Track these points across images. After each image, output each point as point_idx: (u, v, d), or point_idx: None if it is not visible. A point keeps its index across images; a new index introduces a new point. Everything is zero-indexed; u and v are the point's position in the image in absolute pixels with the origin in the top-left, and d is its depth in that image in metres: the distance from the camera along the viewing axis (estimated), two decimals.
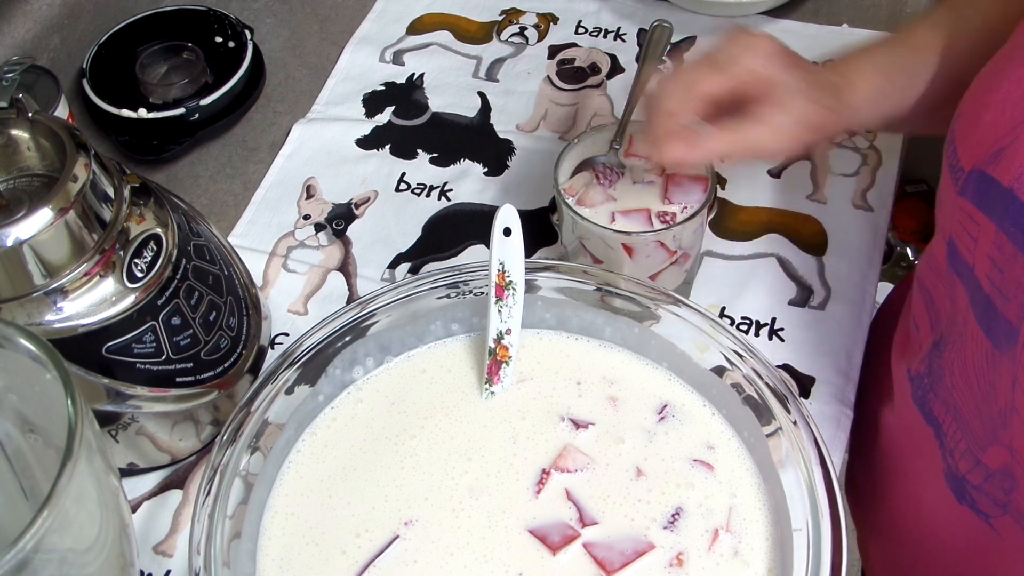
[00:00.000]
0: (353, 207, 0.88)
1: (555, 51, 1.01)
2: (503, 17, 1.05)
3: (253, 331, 0.72)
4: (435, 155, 0.92)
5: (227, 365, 0.69)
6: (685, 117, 0.63)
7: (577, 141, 0.77)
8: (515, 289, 0.63)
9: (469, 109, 0.96)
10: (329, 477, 0.62)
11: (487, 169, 0.91)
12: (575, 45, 1.01)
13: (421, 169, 0.91)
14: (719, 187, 0.87)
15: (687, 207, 0.72)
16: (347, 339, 0.65)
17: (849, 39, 0.98)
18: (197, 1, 1.01)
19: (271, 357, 0.76)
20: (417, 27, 1.04)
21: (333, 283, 0.84)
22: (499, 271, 0.63)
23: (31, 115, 0.62)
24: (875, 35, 0.98)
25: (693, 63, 0.64)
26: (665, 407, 0.64)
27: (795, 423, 0.59)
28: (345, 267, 0.84)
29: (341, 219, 0.87)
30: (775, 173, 0.89)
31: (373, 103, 0.97)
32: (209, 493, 0.57)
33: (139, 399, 0.65)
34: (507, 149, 0.92)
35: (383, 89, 0.98)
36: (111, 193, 0.62)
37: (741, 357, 0.62)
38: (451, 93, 0.98)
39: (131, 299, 0.62)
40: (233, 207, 0.90)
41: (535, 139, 0.93)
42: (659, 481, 0.60)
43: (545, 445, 0.62)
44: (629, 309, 0.66)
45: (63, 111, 0.87)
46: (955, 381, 0.57)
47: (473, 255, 0.84)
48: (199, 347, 0.67)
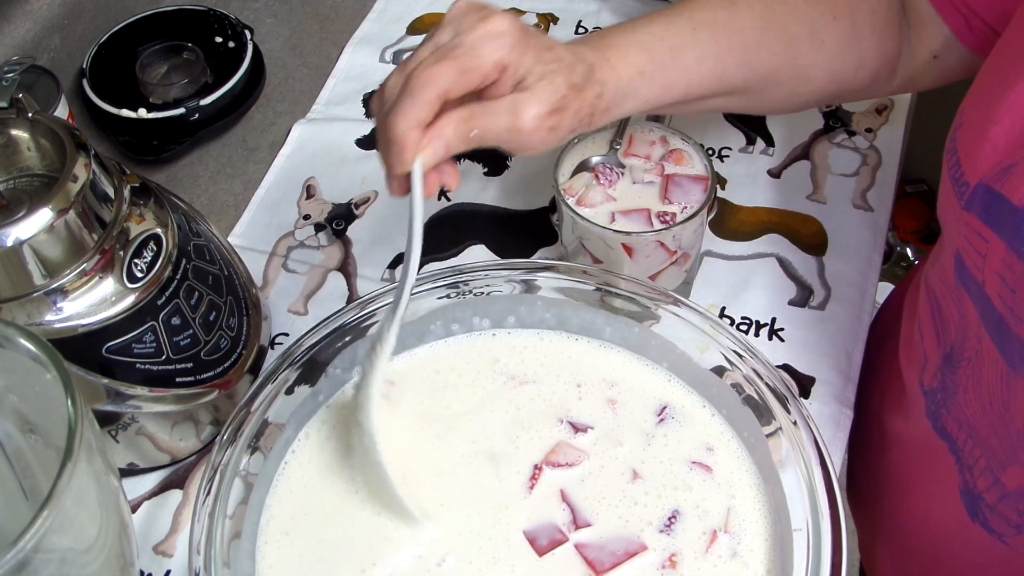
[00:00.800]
0: (353, 207, 0.88)
1: None
2: None
3: (253, 331, 0.72)
4: None
5: (227, 365, 0.69)
6: (428, 116, 0.53)
7: (577, 141, 0.77)
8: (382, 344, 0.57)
9: None
10: (329, 477, 0.62)
11: (487, 169, 0.91)
12: None
13: None
14: (719, 187, 0.87)
15: (687, 207, 0.72)
16: (347, 339, 0.65)
17: None
18: (197, 1, 1.01)
19: (271, 357, 0.76)
20: (417, 27, 1.04)
21: (333, 283, 0.84)
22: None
23: (31, 115, 0.62)
24: None
25: (425, 56, 0.54)
26: (664, 409, 0.64)
27: (795, 423, 0.59)
28: (345, 267, 0.84)
29: (341, 219, 0.87)
30: (775, 173, 0.89)
31: None
32: (209, 493, 0.57)
33: (139, 399, 0.65)
34: None
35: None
36: (111, 193, 0.62)
37: (741, 357, 0.62)
38: None
39: (131, 299, 0.62)
40: (233, 207, 0.90)
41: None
42: (656, 484, 0.60)
43: (540, 444, 0.62)
44: (629, 309, 0.66)
45: (63, 111, 0.87)
46: (968, 399, 0.57)
47: (473, 255, 0.84)
48: (199, 347, 0.67)
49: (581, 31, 1.02)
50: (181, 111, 0.92)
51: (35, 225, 0.57)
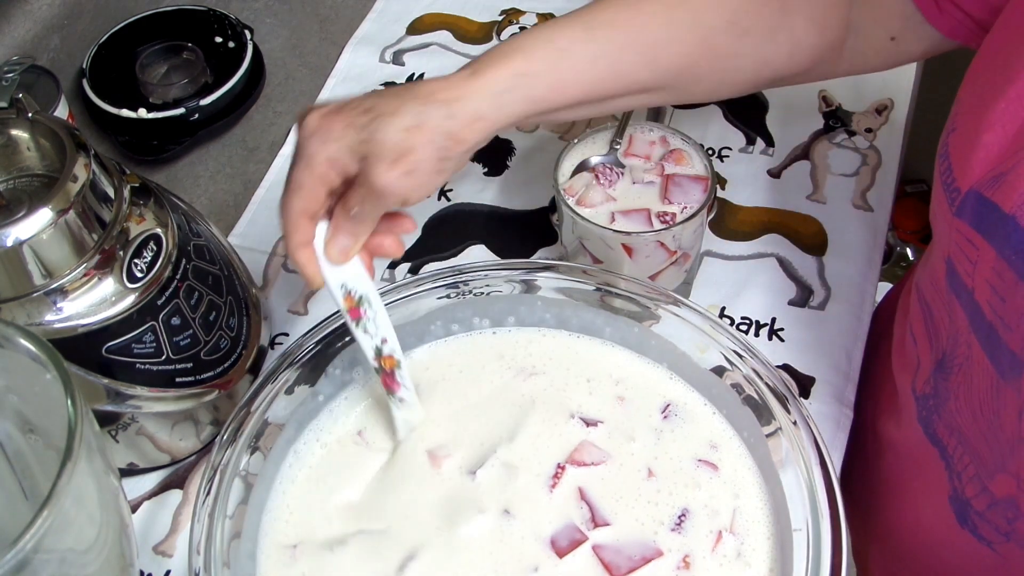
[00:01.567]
0: None
1: None
2: (503, 17, 1.05)
3: (253, 331, 0.72)
4: None
5: (227, 365, 0.69)
6: (310, 234, 0.58)
7: (577, 141, 0.77)
8: (369, 302, 0.60)
9: None
10: (331, 476, 0.62)
11: (487, 169, 0.91)
12: None
13: None
14: (719, 187, 0.87)
15: (687, 207, 0.72)
16: (347, 339, 0.65)
17: None
18: (197, 1, 1.01)
19: (271, 357, 0.76)
20: (417, 27, 1.04)
21: None
22: (344, 294, 0.59)
23: (31, 115, 0.62)
24: None
25: (289, 178, 0.58)
26: (668, 406, 0.64)
27: (795, 423, 0.58)
28: None
29: None
30: (775, 173, 0.89)
31: None
32: (209, 493, 0.57)
33: (139, 399, 0.65)
34: (507, 149, 0.92)
35: (383, 89, 0.98)
36: (111, 193, 0.62)
37: (741, 357, 0.62)
38: None
39: (131, 299, 0.62)
40: (233, 207, 0.90)
41: (535, 139, 0.93)
42: (668, 481, 0.60)
43: (559, 440, 0.62)
44: (629, 309, 0.66)
45: (63, 111, 0.87)
46: (959, 406, 0.57)
47: (473, 255, 0.84)
48: (199, 347, 0.67)
49: None
50: (181, 111, 0.91)
51: (35, 225, 0.57)
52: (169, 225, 0.65)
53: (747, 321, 0.79)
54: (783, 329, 0.78)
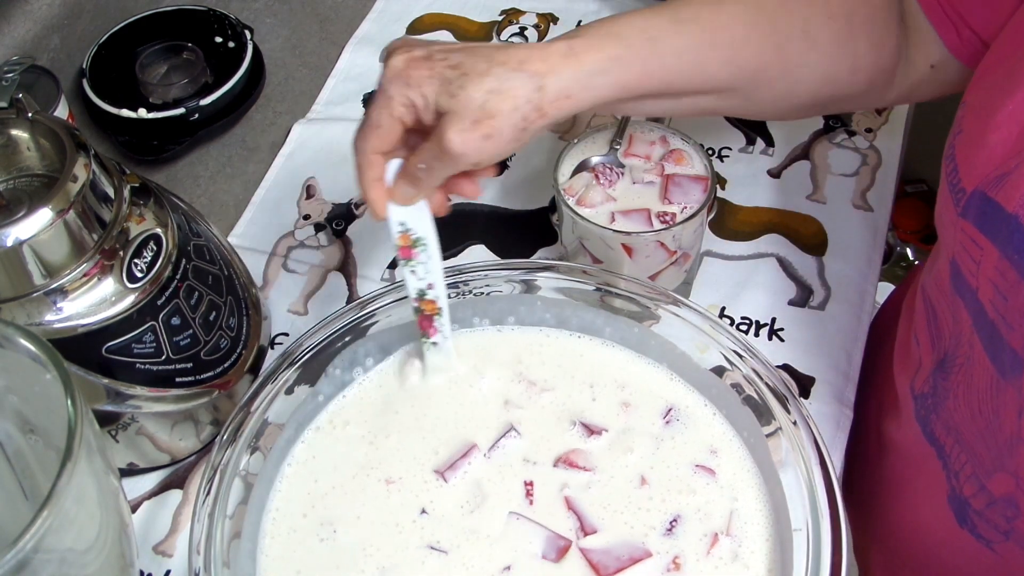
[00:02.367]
0: (353, 207, 0.88)
1: None
2: (503, 17, 1.05)
3: (253, 331, 0.72)
4: None
5: (227, 365, 0.69)
6: (382, 170, 0.60)
7: (577, 141, 0.77)
8: (425, 245, 0.61)
9: None
10: (331, 476, 0.62)
11: None
12: None
13: None
14: (719, 187, 0.87)
15: (687, 207, 0.72)
16: (347, 339, 0.65)
17: None
18: (197, 1, 1.01)
19: (271, 357, 0.76)
20: (417, 27, 1.04)
21: (333, 283, 0.83)
22: (401, 232, 0.61)
23: (31, 115, 0.62)
24: None
25: (367, 116, 0.60)
26: (670, 411, 0.64)
27: (795, 423, 0.58)
28: (345, 267, 0.84)
29: (341, 219, 0.87)
30: (775, 173, 0.89)
31: None
32: (209, 493, 0.57)
33: (139, 399, 0.65)
34: None
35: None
36: (111, 193, 0.62)
37: (741, 357, 0.62)
38: None
39: (131, 299, 0.62)
40: (233, 207, 0.90)
41: (535, 139, 0.93)
42: (661, 489, 0.60)
43: (557, 450, 0.62)
44: (629, 309, 0.66)
45: (63, 111, 0.87)
46: (958, 405, 0.57)
47: (473, 255, 0.84)
48: (199, 347, 0.67)
49: None
50: (181, 111, 0.91)
51: (35, 225, 0.57)
52: (169, 225, 0.65)
53: (747, 321, 0.79)
54: (783, 329, 0.78)
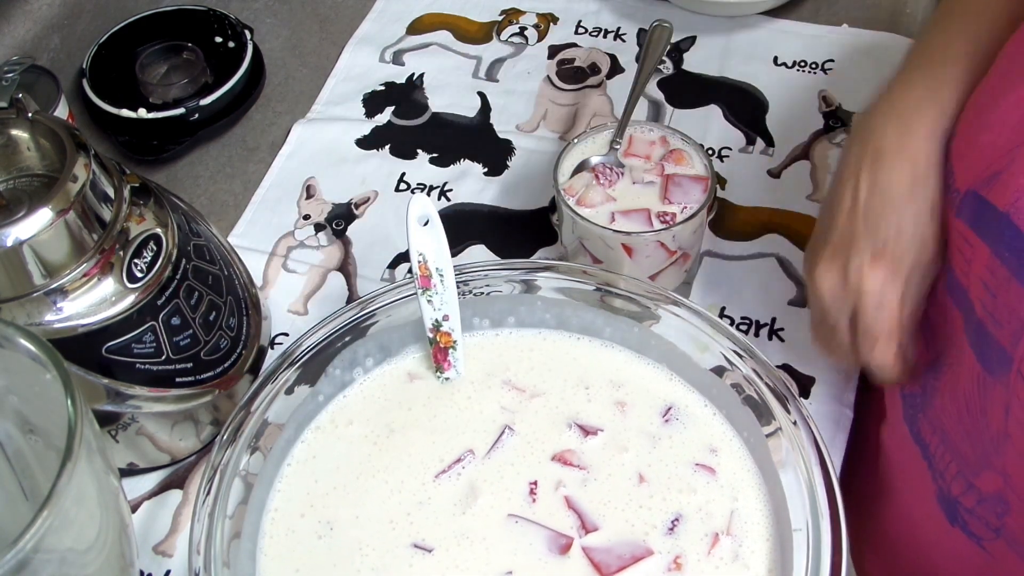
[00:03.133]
0: (353, 207, 0.88)
1: (555, 51, 1.01)
2: (503, 17, 1.05)
3: (253, 331, 0.73)
4: (435, 155, 0.92)
5: (227, 365, 0.69)
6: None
7: (577, 141, 0.77)
8: (443, 276, 0.63)
9: (469, 109, 0.96)
10: (330, 476, 0.62)
11: (487, 169, 0.91)
12: (575, 45, 1.01)
13: (421, 169, 0.91)
14: (719, 187, 0.87)
15: (687, 207, 0.72)
16: (347, 339, 0.65)
17: (849, 39, 0.99)
18: (197, 1, 1.01)
19: (271, 357, 0.76)
20: (417, 27, 1.04)
21: (333, 283, 0.83)
22: (420, 262, 0.62)
23: (31, 115, 0.62)
24: (876, 36, 0.98)
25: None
26: (669, 409, 0.64)
27: (795, 423, 0.59)
28: (345, 267, 0.84)
29: (341, 219, 0.87)
30: (775, 173, 0.89)
31: (373, 103, 0.97)
32: (209, 493, 0.57)
33: (139, 399, 0.65)
34: (507, 149, 0.92)
35: (383, 89, 0.98)
36: (111, 193, 0.62)
37: (741, 357, 0.62)
38: (451, 93, 0.98)
39: (131, 299, 0.62)
40: (233, 207, 0.90)
41: (535, 139, 0.93)
42: (661, 487, 0.60)
43: (553, 451, 0.62)
44: (629, 309, 0.66)
45: (63, 111, 0.87)
46: (945, 403, 0.57)
47: (473, 255, 0.84)
48: (199, 347, 0.67)
49: (581, 31, 1.02)
50: (181, 111, 0.91)
51: (35, 225, 0.57)
52: (169, 225, 0.65)
53: (747, 321, 0.79)
54: (783, 329, 0.78)
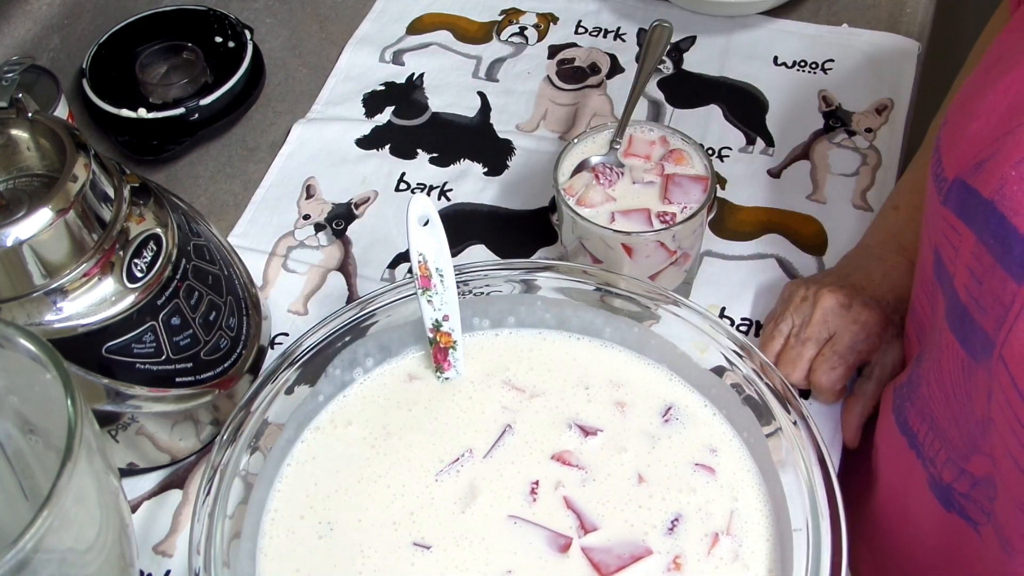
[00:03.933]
0: (353, 207, 0.88)
1: (555, 51, 1.01)
2: (503, 17, 1.05)
3: (253, 331, 0.73)
4: (435, 155, 0.92)
5: (227, 365, 0.69)
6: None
7: (577, 141, 0.77)
8: (443, 276, 0.63)
9: (469, 109, 0.96)
10: (330, 476, 0.62)
11: (487, 169, 0.91)
12: (575, 45, 1.01)
13: (421, 169, 0.91)
14: (719, 187, 0.87)
15: (687, 207, 0.72)
16: (347, 339, 0.65)
17: (849, 39, 0.99)
18: (197, 1, 1.01)
19: (271, 357, 0.76)
20: (417, 27, 1.04)
21: (333, 283, 0.83)
22: (420, 262, 0.62)
23: (31, 115, 0.62)
24: (875, 35, 0.98)
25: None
26: (669, 409, 0.64)
27: (795, 423, 0.59)
28: (345, 267, 0.84)
29: (341, 219, 0.87)
30: (775, 173, 0.89)
31: (373, 103, 0.97)
32: (209, 493, 0.57)
33: (139, 399, 0.65)
34: (507, 149, 0.92)
35: (383, 89, 0.98)
36: (111, 193, 0.62)
37: (741, 357, 0.62)
38: (451, 93, 0.98)
39: (131, 299, 0.62)
40: (233, 207, 0.90)
41: (535, 139, 0.93)
42: (660, 487, 0.60)
43: (552, 451, 0.62)
44: (629, 309, 0.66)
45: (63, 111, 0.87)
46: (931, 391, 0.57)
47: (473, 255, 0.84)
48: (199, 347, 0.67)
49: (581, 31, 1.02)
50: (181, 111, 0.91)
51: (35, 225, 0.57)
52: (169, 225, 0.65)
53: (747, 321, 0.79)
54: None
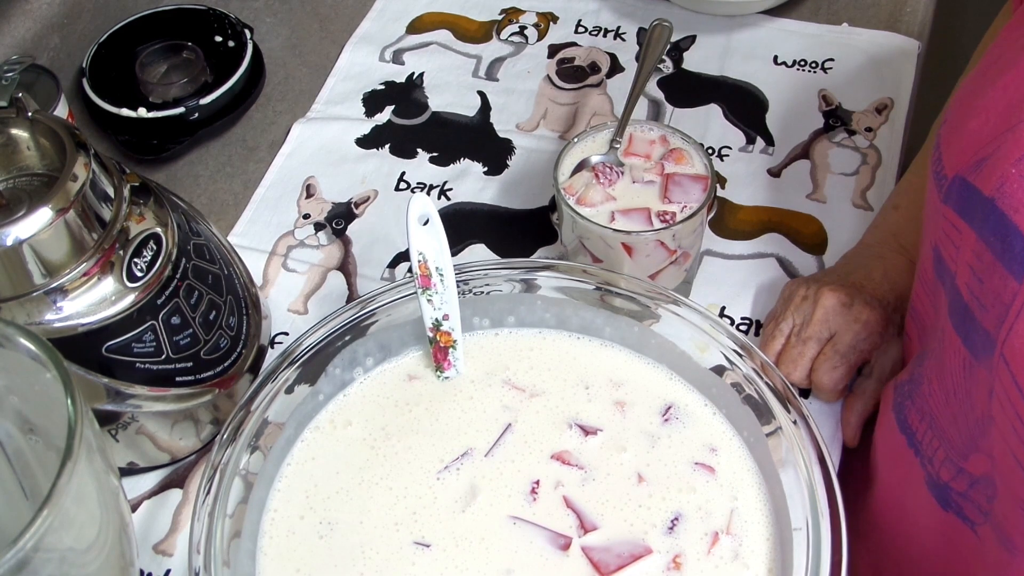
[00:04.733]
0: (353, 206, 0.88)
1: (555, 50, 1.01)
2: (503, 16, 1.05)
3: (253, 330, 0.73)
4: (435, 154, 0.92)
5: (227, 364, 0.69)
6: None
7: (577, 140, 0.77)
8: (443, 275, 0.63)
9: (469, 108, 0.96)
10: (331, 475, 0.62)
11: (487, 168, 0.91)
12: (575, 44, 1.01)
13: (421, 168, 0.91)
14: (719, 186, 0.87)
15: (687, 206, 0.72)
16: (347, 338, 0.65)
17: (849, 38, 0.99)
18: (197, 0, 1.01)
19: (271, 356, 0.75)
20: (417, 26, 1.04)
21: (333, 282, 0.84)
22: (420, 261, 0.62)
23: (31, 114, 0.62)
24: (875, 35, 0.98)
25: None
26: (669, 408, 0.64)
27: (795, 422, 0.59)
28: (345, 266, 0.84)
29: (341, 218, 0.87)
30: (775, 172, 0.89)
31: (373, 102, 0.97)
32: (209, 492, 0.57)
33: (139, 398, 0.65)
34: (507, 148, 0.92)
35: (383, 88, 0.99)
36: (111, 192, 0.62)
37: (741, 356, 0.62)
38: (451, 92, 0.98)
39: (131, 298, 0.62)
40: (233, 206, 0.90)
41: (535, 138, 0.93)
42: (660, 487, 0.60)
43: (552, 450, 0.62)
44: (629, 308, 0.66)
45: (63, 110, 0.87)
46: (932, 389, 0.57)
47: (473, 255, 0.84)
48: (199, 346, 0.67)
49: (581, 30, 1.02)
50: (181, 110, 0.91)
51: (35, 224, 0.57)
52: (169, 224, 0.65)
53: (747, 320, 0.79)
54: None
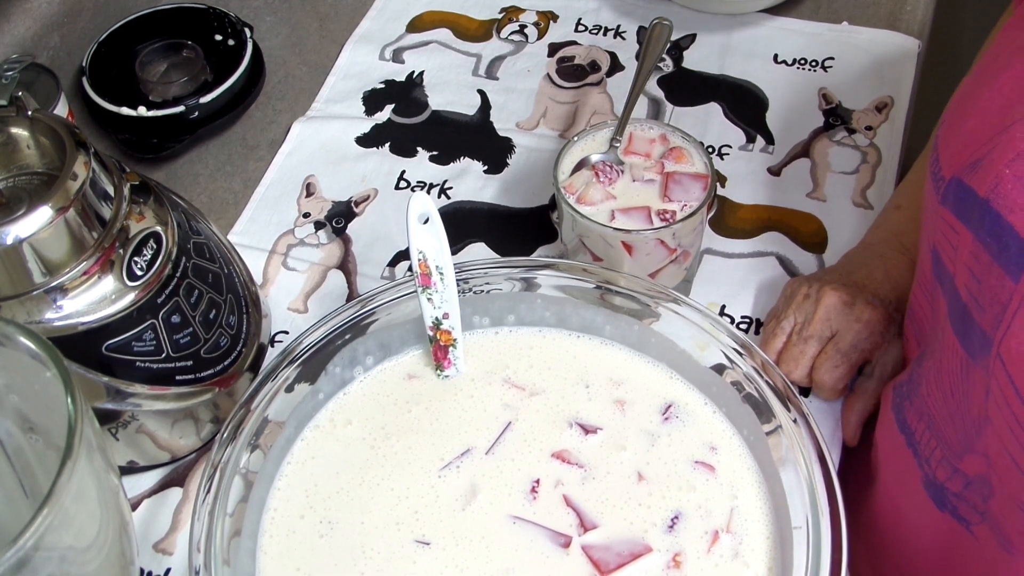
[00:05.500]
0: (353, 205, 0.88)
1: (555, 49, 1.01)
2: (503, 15, 1.05)
3: (253, 329, 0.73)
4: (435, 153, 0.92)
5: (227, 363, 0.69)
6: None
7: (577, 139, 0.77)
8: (443, 274, 0.63)
9: (469, 107, 0.96)
10: (331, 474, 0.62)
11: (487, 167, 0.91)
12: (575, 43, 1.01)
13: (421, 167, 0.91)
14: (719, 185, 0.87)
15: (687, 205, 0.72)
16: (347, 337, 0.65)
17: (849, 37, 0.99)
18: None
19: (271, 355, 0.76)
20: (417, 25, 1.04)
21: (333, 281, 0.84)
22: (420, 260, 0.63)
23: (31, 113, 0.62)
24: (876, 34, 0.98)
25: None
26: (669, 407, 0.64)
27: (795, 421, 0.59)
28: (345, 265, 0.84)
29: (341, 217, 0.87)
30: (775, 171, 0.89)
31: (373, 101, 0.97)
32: (209, 491, 0.57)
33: (139, 397, 0.65)
34: (507, 147, 0.92)
35: (383, 87, 0.98)
36: (111, 191, 0.62)
37: (741, 355, 0.62)
38: (451, 91, 0.98)
39: (131, 297, 0.62)
40: (233, 205, 0.90)
41: (535, 137, 0.93)
42: (660, 485, 0.60)
43: (552, 449, 0.62)
44: (629, 307, 0.66)
45: (63, 109, 0.87)
46: (930, 389, 0.58)
47: (473, 253, 0.84)
48: (199, 345, 0.67)
49: (581, 29, 1.02)
50: (181, 109, 0.91)
51: (35, 223, 0.57)
52: (169, 223, 0.65)
53: (747, 319, 0.79)
54: None
